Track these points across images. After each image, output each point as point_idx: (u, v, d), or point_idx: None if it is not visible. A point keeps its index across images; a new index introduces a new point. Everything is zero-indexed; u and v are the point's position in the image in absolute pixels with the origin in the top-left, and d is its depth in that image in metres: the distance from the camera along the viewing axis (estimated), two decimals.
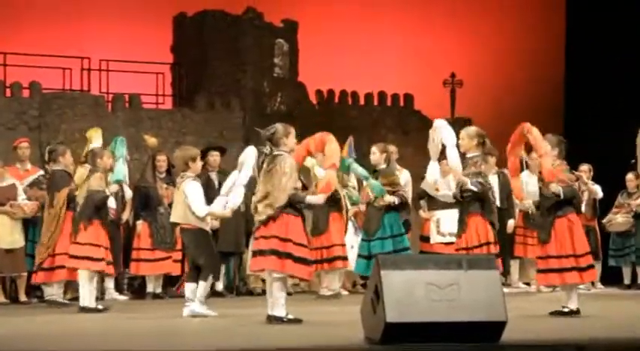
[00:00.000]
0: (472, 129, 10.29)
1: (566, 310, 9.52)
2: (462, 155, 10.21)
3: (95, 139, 11.39)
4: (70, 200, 11.29)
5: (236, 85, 20.55)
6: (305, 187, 11.48)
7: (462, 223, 10.12)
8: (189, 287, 9.83)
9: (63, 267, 11.19)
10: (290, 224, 8.78)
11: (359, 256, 12.09)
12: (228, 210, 9.87)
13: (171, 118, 18.90)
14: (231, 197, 9.79)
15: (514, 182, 10.26)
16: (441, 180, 11.20)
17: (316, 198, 9.10)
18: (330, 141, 9.20)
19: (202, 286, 9.76)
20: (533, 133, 9.76)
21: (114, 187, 10.96)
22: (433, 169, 10.70)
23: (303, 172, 11.18)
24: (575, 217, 9.64)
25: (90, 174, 10.76)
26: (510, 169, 10.25)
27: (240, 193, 9.76)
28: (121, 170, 11.00)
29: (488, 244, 10.03)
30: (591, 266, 9.70)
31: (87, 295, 10.51)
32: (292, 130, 9.03)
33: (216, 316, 9.69)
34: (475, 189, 9.93)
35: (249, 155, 9.69)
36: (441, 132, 10.35)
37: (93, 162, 10.81)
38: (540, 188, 9.72)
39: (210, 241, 10.04)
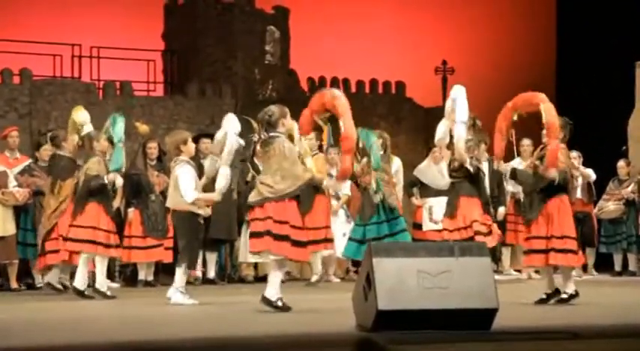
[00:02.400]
0: None
1: (564, 295, 9.41)
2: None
3: (81, 118, 11.24)
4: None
5: (227, 72, 20.54)
6: None
7: (451, 205, 10.14)
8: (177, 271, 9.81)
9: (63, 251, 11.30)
10: (287, 207, 8.74)
11: (350, 239, 12.07)
12: (216, 194, 9.82)
13: (163, 105, 18.89)
14: (217, 180, 9.73)
15: (499, 141, 9.99)
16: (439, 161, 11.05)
17: (333, 183, 9.05)
18: (345, 113, 8.88)
19: (179, 274, 9.66)
20: (552, 113, 9.49)
21: (112, 176, 10.84)
22: (443, 126, 10.61)
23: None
24: (567, 199, 9.55)
25: (87, 158, 10.77)
26: (499, 127, 9.88)
27: (226, 174, 9.67)
28: (120, 157, 10.88)
29: (476, 221, 10.00)
30: (573, 251, 9.44)
31: (80, 278, 10.56)
32: (287, 111, 8.98)
33: (196, 303, 9.64)
34: (471, 169, 9.96)
35: (230, 125, 9.62)
36: (457, 104, 10.28)
37: (90, 145, 10.82)
38: (536, 167, 9.59)
39: (197, 228, 9.89)
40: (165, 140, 10.36)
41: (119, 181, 11.83)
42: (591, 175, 14.06)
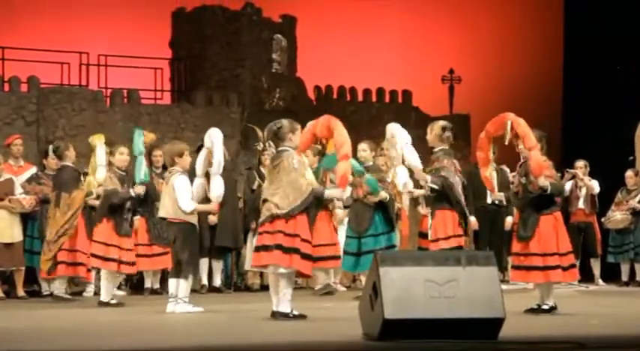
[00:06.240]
0: (436, 123, 10.36)
1: (546, 307, 9.40)
2: (431, 149, 10.27)
3: (99, 146, 11.31)
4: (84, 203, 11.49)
5: (234, 80, 20.54)
6: None
7: (431, 216, 10.25)
8: (173, 283, 9.80)
9: (82, 264, 11.37)
10: (297, 220, 8.74)
11: (346, 253, 11.98)
12: (213, 204, 9.88)
13: (170, 113, 18.88)
14: (212, 189, 9.75)
15: (483, 173, 10.00)
16: (410, 181, 11.15)
17: (336, 192, 9.10)
18: (337, 127, 8.94)
19: (184, 285, 9.70)
20: (522, 125, 9.42)
21: (139, 189, 10.95)
22: (402, 173, 10.76)
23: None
24: (560, 216, 9.54)
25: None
26: (480, 159, 9.96)
27: (220, 183, 9.72)
28: (143, 168, 10.95)
29: (457, 236, 10.04)
30: (573, 266, 9.52)
31: (104, 290, 10.83)
32: (298, 127, 8.99)
33: (202, 311, 9.67)
34: (435, 186, 10.01)
35: (216, 137, 9.69)
36: (396, 133, 10.43)
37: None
38: (525, 184, 9.55)
39: (197, 238, 10.01)
40: (163, 148, 10.41)
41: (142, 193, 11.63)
42: (595, 187, 14.06)
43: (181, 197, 9.66)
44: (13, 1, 21.53)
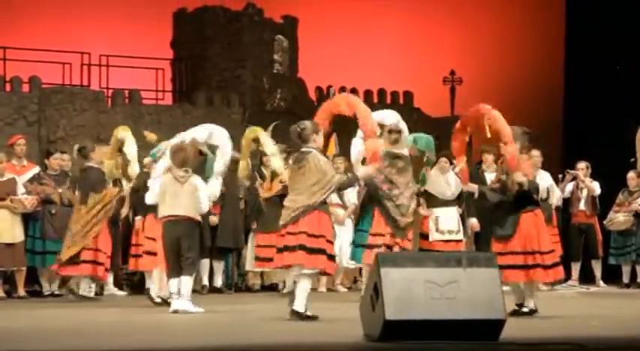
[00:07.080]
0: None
1: (525, 309, 9.29)
2: None
3: (129, 140, 11.54)
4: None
5: (236, 81, 20.53)
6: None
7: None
8: (174, 282, 9.80)
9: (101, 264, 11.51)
10: (322, 220, 8.77)
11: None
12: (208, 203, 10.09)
13: (171, 113, 18.88)
14: (209, 189, 9.96)
15: (459, 163, 10.08)
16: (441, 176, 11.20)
17: (368, 169, 9.24)
18: (358, 104, 9.20)
19: (189, 282, 9.76)
20: (498, 119, 9.40)
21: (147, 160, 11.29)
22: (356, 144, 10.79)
23: None
24: (541, 213, 9.44)
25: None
26: (455, 148, 9.97)
27: (218, 188, 9.92)
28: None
29: (379, 235, 10.44)
30: (557, 264, 9.39)
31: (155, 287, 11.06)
32: (321, 128, 9.04)
33: (202, 311, 9.68)
34: (362, 182, 10.24)
35: (223, 139, 9.81)
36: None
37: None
38: (502, 181, 9.47)
39: (199, 236, 10.16)
40: (182, 147, 10.23)
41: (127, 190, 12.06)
42: (596, 189, 14.04)
43: (204, 197, 9.88)
44: (13, 1, 21.52)
